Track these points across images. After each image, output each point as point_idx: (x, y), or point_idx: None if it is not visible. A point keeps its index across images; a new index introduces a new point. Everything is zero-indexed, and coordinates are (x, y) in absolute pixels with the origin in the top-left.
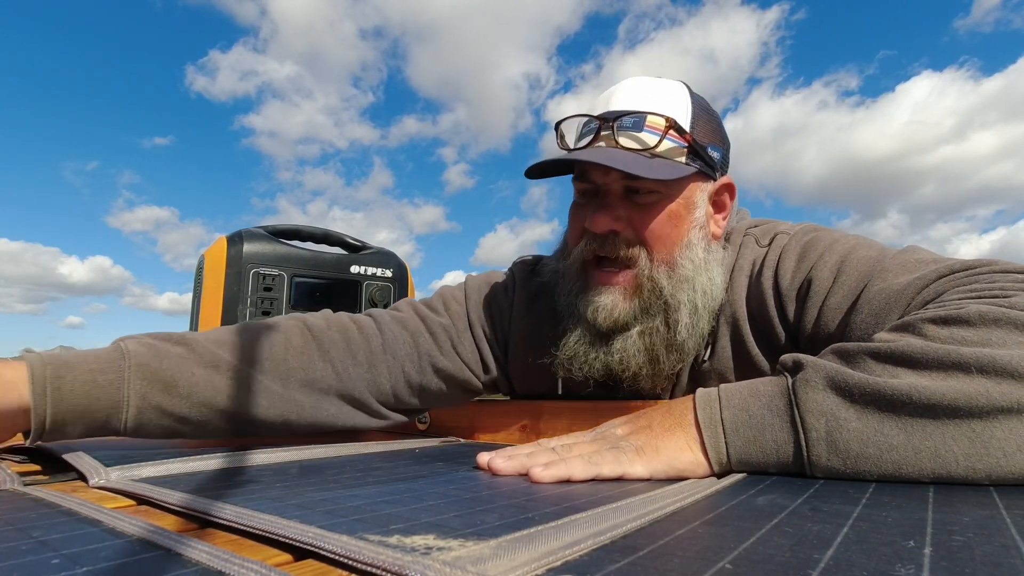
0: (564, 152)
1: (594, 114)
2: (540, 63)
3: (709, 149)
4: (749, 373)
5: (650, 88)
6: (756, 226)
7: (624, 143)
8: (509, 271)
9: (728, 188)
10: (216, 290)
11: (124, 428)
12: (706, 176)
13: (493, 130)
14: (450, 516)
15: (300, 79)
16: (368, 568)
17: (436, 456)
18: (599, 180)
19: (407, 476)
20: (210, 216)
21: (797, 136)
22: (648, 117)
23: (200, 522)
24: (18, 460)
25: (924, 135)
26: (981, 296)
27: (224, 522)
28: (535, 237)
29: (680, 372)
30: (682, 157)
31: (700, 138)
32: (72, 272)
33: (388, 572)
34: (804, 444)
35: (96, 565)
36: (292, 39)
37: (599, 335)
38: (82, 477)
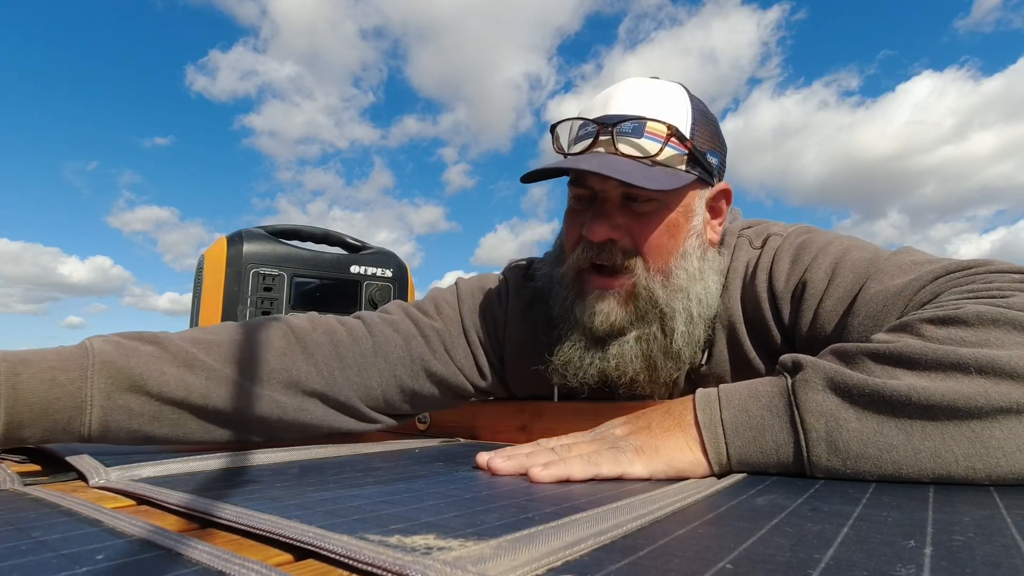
0: (560, 155)
1: (592, 116)
2: (541, 63)
3: (708, 155)
4: (746, 376)
5: (649, 91)
6: (749, 227)
7: (624, 150)
8: (502, 276)
9: (725, 194)
10: (216, 290)
11: (88, 431)
12: (704, 183)
13: (493, 130)
14: (450, 516)
15: (300, 79)
16: (368, 568)
17: (436, 456)
18: (597, 187)
19: (407, 476)
20: (210, 216)
21: (797, 136)
22: (648, 123)
23: (200, 522)
24: (18, 460)
25: (924, 135)
26: (978, 296)
27: (224, 522)
28: (535, 237)
29: (677, 377)
30: (682, 165)
31: (700, 145)
32: (72, 272)
33: (388, 572)
34: (804, 444)
35: (96, 565)
36: (293, 39)
37: (595, 340)
38: (82, 477)
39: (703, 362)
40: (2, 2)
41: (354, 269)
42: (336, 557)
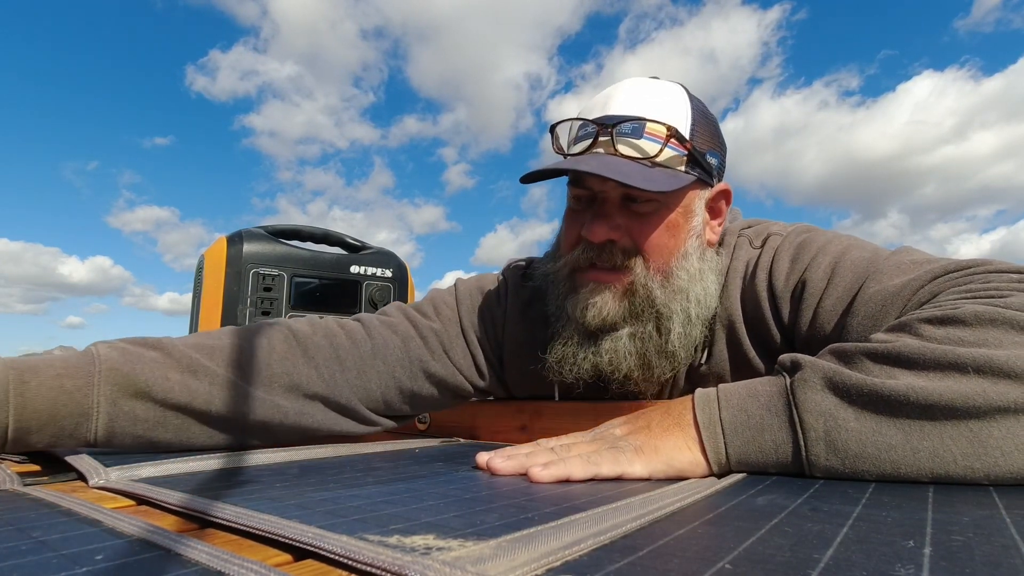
0: (560, 155)
1: (591, 116)
2: (541, 63)
3: (708, 156)
4: (746, 375)
5: (649, 91)
6: (749, 227)
7: (623, 151)
8: (501, 276)
9: (725, 194)
10: (216, 290)
11: (95, 437)
12: (704, 183)
13: (494, 130)
14: (450, 516)
15: (301, 79)
16: (368, 568)
17: (436, 456)
18: (596, 187)
19: (407, 476)
20: (210, 216)
21: (798, 136)
22: (648, 124)
23: (200, 522)
24: (18, 460)
25: (925, 135)
26: (977, 296)
27: (224, 522)
28: (535, 237)
29: (677, 375)
30: (682, 166)
31: (700, 145)
32: (72, 272)
33: (388, 572)
34: (803, 444)
35: (96, 565)
36: (293, 39)
37: (587, 335)
38: (82, 477)
39: (703, 361)
40: (2, 2)
41: (354, 269)
42: (335, 557)
